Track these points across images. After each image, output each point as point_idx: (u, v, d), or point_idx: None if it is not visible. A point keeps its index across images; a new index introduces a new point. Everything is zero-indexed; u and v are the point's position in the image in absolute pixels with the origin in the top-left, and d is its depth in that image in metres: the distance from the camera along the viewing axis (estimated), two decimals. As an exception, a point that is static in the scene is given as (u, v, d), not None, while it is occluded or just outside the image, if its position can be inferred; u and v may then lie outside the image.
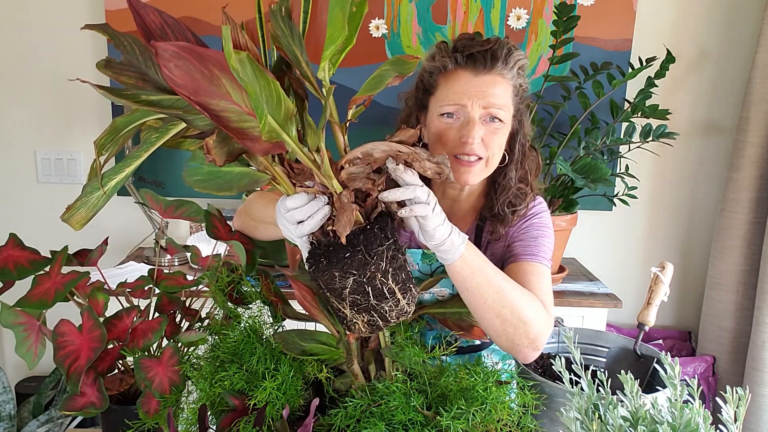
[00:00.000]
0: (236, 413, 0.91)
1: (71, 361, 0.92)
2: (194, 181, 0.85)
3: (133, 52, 0.80)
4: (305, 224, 0.86)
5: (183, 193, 2.39)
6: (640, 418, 0.72)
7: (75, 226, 0.82)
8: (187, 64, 0.69)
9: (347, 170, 0.85)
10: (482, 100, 1.07)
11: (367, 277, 0.84)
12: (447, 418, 0.85)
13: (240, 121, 0.76)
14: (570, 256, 2.44)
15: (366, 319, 0.87)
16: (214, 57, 0.71)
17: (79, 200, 0.81)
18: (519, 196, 1.18)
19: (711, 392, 2.28)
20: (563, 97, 2.12)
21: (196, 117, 0.78)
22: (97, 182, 0.79)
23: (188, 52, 0.69)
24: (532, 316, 1.00)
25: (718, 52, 2.33)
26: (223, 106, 0.74)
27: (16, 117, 2.39)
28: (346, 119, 0.88)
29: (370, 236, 0.84)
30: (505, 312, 0.98)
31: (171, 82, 0.69)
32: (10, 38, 2.32)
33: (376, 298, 0.85)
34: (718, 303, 2.30)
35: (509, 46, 1.10)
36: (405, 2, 2.27)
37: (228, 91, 0.73)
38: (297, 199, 0.86)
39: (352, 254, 0.83)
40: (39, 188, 2.44)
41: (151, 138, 0.82)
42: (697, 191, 2.46)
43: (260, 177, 0.86)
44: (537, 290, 1.07)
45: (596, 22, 2.27)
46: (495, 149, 1.11)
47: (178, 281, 1.11)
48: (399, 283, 0.87)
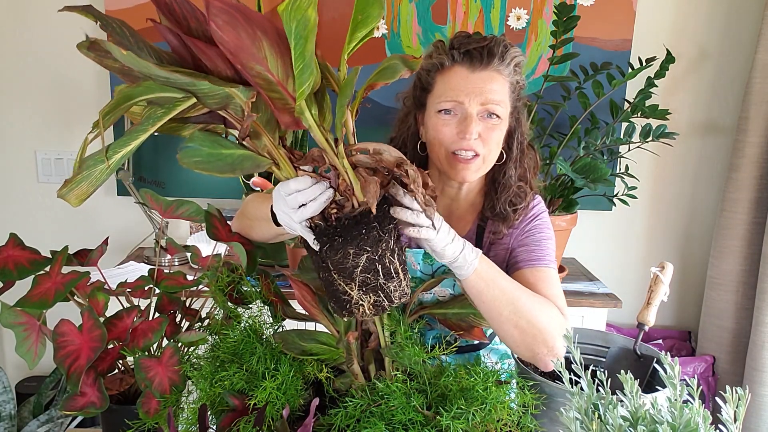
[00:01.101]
0: (236, 413, 0.92)
1: (71, 361, 0.92)
2: (193, 162, 0.82)
3: (123, 34, 0.78)
4: (308, 207, 0.85)
5: (183, 193, 2.39)
6: (639, 417, 0.72)
7: (73, 201, 0.78)
8: (235, 21, 0.70)
9: (357, 157, 0.87)
10: (479, 96, 1.08)
11: (379, 254, 0.85)
12: (447, 417, 0.85)
13: (269, 90, 0.76)
14: (570, 256, 2.44)
15: (372, 299, 0.87)
16: (259, 20, 0.72)
17: (80, 174, 0.77)
18: (519, 195, 1.18)
19: (711, 392, 2.29)
20: (563, 97, 2.12)
21: (206, 95, 0.77)
22: (101, 155, 0.76)
23: (237, 10, 0.70)
24: (550, 324, 1.00)
25: (718, 52, 2.34)
26: (258, 71, 0.74)
27: (16, 117, 2.39)
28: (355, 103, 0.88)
29: (380, 214, 0.86)
30: (522, 323, 0.99)
31: (217, 37, 0.69)
32: (10, 38, 2.32)
33: (384, 277, 0.86)
34: (718, 303, 2.30)
35: (505, 43, 1.11)
36: (405, 2, 2.27)
37: (266, 55, 0.73)
38: (301, 182, 0.86)
39: (367, 230, 0.85)
40: (39, 188, 2.44)
41: (157, 113, 0.80)
42: (697, 191, 2.46)
43: (262, 161, 0.86)
44: (549, 296, 1.07)
45: (596, 22, 2.27)
46: (492, 145, 1.11)
47: (178, 281, 1.11)
48: (401, 264, 0.89)
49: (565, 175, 1.97)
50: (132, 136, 0.78)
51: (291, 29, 0.71)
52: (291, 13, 0.70)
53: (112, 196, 2.43)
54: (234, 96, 0.77)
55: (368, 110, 2.30)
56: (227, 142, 0.84)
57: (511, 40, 1.82)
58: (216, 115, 0.86)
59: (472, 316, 1.06)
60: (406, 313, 1.04)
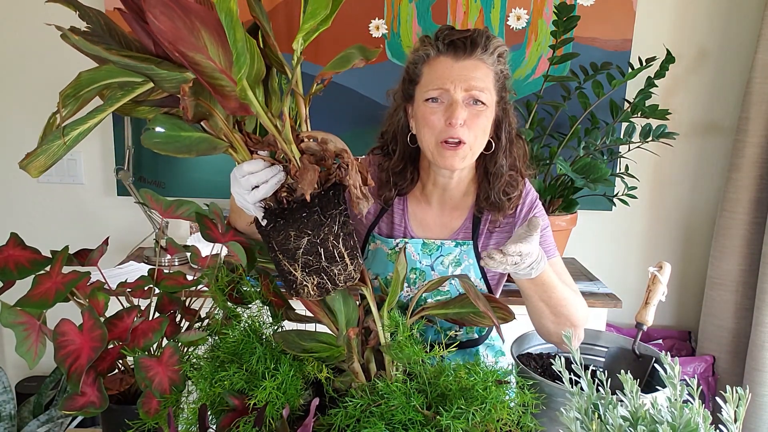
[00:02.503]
0: (236, 413, 0.92)
1: (72, 361, 0.92)
2: (153, 143, 0.86)
3: (99, 23, 0.84)
4: (260, 189, 0.90)
5: (183, 193, 2.40)
6: (639, 417, 0.72)
7: (32, 173, 0.82)
8: (171, 12, 0.73)
9: (307, 143, 0.90)
10: (464, 83, 1.12)
11: (321, 238, 0.88)
12: (447, 417, 0.85)
13: (212, 77, 0.80)
14: (570, 256, 2.44)
15: (316, 281, 0.91)
16: (197, 10, 0.75)
17: (39, 147, 0.82)
18: (511, 183, 1.22)
19: (711, 392, 2.29)
20: (563, 97, 2.12)
21: (163, 79, 0.81)
22: (59, 131, 0.80)
23: (174, 1, 0.73)
24: (581, 317, 1.14)
25: (718, 52, 2.34)
26: (197, 59, 0.77)
27: (16, 117, 2.39)
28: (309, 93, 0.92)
29: (325, 199, 0.89)
30: (561, 320, 1.12)
31: (154, 28, 0.73)
32: (10, 38, 2.32)
33: (327, 260, 0.90)
34: (717, 303, 2.30)
35: (488, 35, 1.15)
36: (405, 2, 2.27)
37: (206, 44, 0.77)
38: (254, 164, 0.90)
39: (308, 214, 0.88)
40: (39, 188, 2.44)
41: (117, 95, 0.83)
42: (697, 191, 2.46)
43: (218, 144, 0.90)
44: (569, 285, 1.17)
45: (596, 22, 2.27)
46: (478, 132, 1.14)
47: (178, 281, 1.11)
48: (348, 249, 0.91)
49: (565, 175, 1.97)
50: (90, 116, 0.82)
51: (222, 20, 0.76)
52: (219, 5, 0.75)
53: (112, 196, 2.43)
54: (189, 81, 0.81)
55: (363, 109, 2.30)
56: (187, 125, 0.89)
57: (511, 40, 1.81)
58: (178, 99, 0.89)
59: (472, 315, 1.06)
60: (407, 313, 1.04)
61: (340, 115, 2.33)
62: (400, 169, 1.24)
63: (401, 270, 1.02)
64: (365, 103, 2.31)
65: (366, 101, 2.31)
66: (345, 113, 2.32)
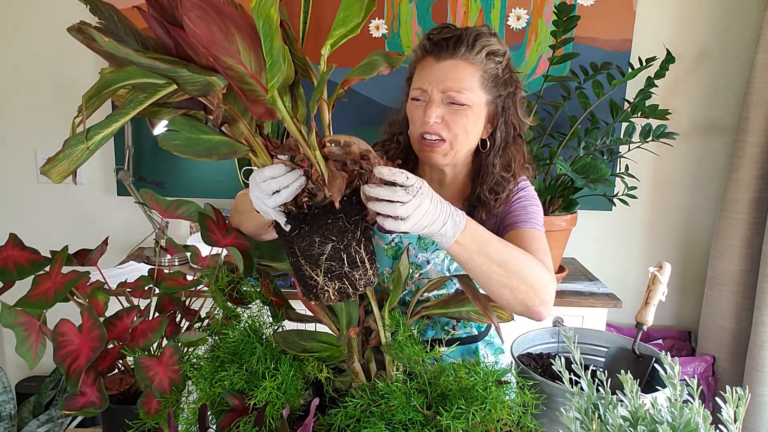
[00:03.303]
0: (236, 413, 0.92)
1: (71, 361, 0.92)
2: (172, 145, 0.85)
3: (112, 19, 0.82)
4: (281, 194, 0.88)
5: (183, 193, 2.39)
6: (639, 417, 0.72)
7: (55, 178, 0.81)
8: (207, 15, 0.73)
9: (329, 148, 0.89)
10: (440, 84, 1.14)
11: (345, 244, 0.88)
12: (447, 417, 0.85)
13: (243, 82, 0.79)
14: (570, 256, 2.44)
15: (337, 286, 0.90)
16: (232, 14, 0.75)
17: (62, 152, 0.81)
18: (501, 183, 1.22)
19: (711, 392, 2.29)
20: (563, 97, 2.12)
21: (187, 81, 0.80)
22: (82, 136, 0.79)
23: (210, 5, 0.73)
24: (539, 278, 1.02)
25: (718, 52, 2.33)
26: (230, 63, 0.77)
27: (16, 117, 2.39)
28: (332, 98, 0.92)
29: (348, 205, 0.88)
30: (512, 282, 1.00)
31: (189, 31, 0.72)
32: (11, 38, 2.32)
33: (349, 266, 0.89)
34: (717, 303, 2.30)
35: (478, 33, 1.15)
36: (405, 2, 2.27)
37: (239, 49, 0.76)
38: (276, 169, 0.88)
39: (333, 220, 0.87)
40: (39, 188, 2.44)
41: (139, 98, 0.83)
42: (697, 191, 2.46)
43: (239, 147, 0.89)
44: (535, 252, 1.10)
45: (596, 22, 2.27)
46: (458, 130, 1.15)
47: (178, 281, 1.11)
48: (368, 254, 0.92)
49: (565, 175, 1.97)
50: (113, 119, 0.81)
51: (260, 27, 0.75)
52: (258, 12, 0.74)
53: (112, 196, 2.43)
54: (214, 84, 0.80)
55: (368, 110, 2.30)
56: (207, 128, 0.87)
57: (511, 40, 1.81)
58: (197, 102, 0.88)
59: (472, 314, 1.06)
60: (406, 311, 1.04)
61: (340, 115, 2.33)
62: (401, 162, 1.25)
63: (403, 270, 1.02)
64: (366, 103, 2.31)
65: (366, 101, 2.31)
66: (345, 113, 2.32)
